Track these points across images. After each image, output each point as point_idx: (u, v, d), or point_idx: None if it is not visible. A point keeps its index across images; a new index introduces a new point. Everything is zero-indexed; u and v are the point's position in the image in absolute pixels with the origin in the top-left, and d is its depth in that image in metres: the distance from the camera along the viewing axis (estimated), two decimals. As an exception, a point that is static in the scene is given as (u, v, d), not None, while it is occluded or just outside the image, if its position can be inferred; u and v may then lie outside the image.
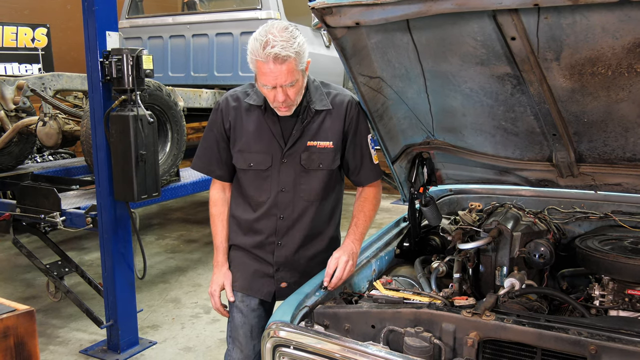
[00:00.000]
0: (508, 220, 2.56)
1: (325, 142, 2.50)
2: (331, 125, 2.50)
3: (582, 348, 1.70)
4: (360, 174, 2.60)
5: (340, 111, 2.51)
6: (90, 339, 4.64)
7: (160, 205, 9.30)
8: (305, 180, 2.51)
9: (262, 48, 2.19)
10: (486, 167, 2.74)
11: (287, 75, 2.23)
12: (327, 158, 2.51)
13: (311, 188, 2.53)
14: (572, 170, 2.47)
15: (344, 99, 2.53)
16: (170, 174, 5.13)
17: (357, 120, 2.54)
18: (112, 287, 4.30)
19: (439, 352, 1.87)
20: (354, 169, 2.59)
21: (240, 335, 2.58)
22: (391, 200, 9.99)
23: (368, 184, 2.63)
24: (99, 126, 4.07)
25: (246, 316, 2.57)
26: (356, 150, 2.57)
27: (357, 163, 2.58)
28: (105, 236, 4.22)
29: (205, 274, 6.20)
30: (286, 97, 2.30)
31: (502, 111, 2.33)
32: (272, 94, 2.31)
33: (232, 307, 2.63)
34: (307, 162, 2.48)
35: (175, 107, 5.08)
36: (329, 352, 1.88)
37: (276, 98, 2.30)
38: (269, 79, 2.24)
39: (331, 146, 2.50)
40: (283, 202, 2.51)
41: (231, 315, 2.63)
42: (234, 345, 2.61)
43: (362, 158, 2.58)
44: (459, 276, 2.39)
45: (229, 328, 2.64)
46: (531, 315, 1.94)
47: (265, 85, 2.28)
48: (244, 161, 2.52)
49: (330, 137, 2.50)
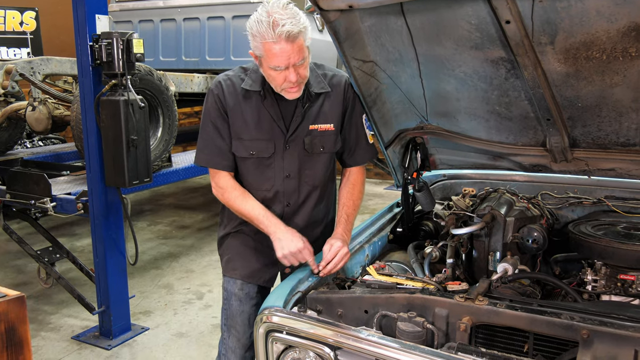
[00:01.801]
0: (501, 205, 2.57)
1: (326, 124, 2.48)
2: (331, 107, 2.49)
3: (574, 332, 1.71)
4: (356, 154, 2.61)
5: (339, 93, 2.50)
6: (82, 325, 4.65)
7: (152, 191, 9.28)
8: (309, 165, 2.50)
9: (272, 28, 2.12)
10: (480, 152, 2.74)
11: (298, 52, 2.19)
12: (329, 141, 2.51)
13: (315, 173, 2.53)
14: (566, 155, 2.47)
15: (341, 80, 2.52)
16: (162, 160, 5.11)
17: (354, 100, 2.54)
18: (104, 273, 4.30)
19: (432, 337, 1.88)
20: (350, 149, 2.59)
21: (237, 324, 2.57)
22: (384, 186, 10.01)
23: (364, 163, 2.65)
24: (89, 111, 4.04)
25: (244, 304, 2.57)
26: (352, 130, 2.57)
27: (354, 143, 2.59)
28: (97, 222, 4.21)
29: (198, 260, 6.20)
30: (298, 77, 2.25)
31: (496, 96, 2.32)
32: (282, 75, 2.24)
33: (229, 295, 2.61)
34: (310, 147, 2.47)
35: (167, 92, 5.04)
36: (321, 337, 1.88)
37: (288, 79, 2.24)
38: (282, 60, 2.18)
39: (332, 129, 2.50)
40: (289, 188, 2.50)
41: (227, 303, 2.61)
42: (229, 333, 2.60)
43: (359, 138, 2.59)
44: (452, 261, 2.40)
45: (224, 316, 2.63)
46: (524, 300, 1.95)
47: (278, 67, 2.20)
48: (245, 149, 2.45)
49: (330, 120, 2.49)
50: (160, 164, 5.13)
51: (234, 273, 2.60)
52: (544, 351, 1.83)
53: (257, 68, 2.38)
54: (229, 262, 2.63)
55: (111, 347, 4.26)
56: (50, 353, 4.21)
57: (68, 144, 6.83)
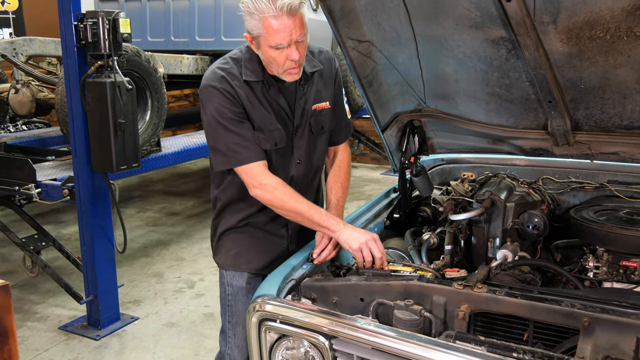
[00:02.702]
0: (501, 190, 2.57)
1: (323, 103, 2.48)
2: (324, 85, 2.49)
3: (575, 320, 1.72)
4: (339, 131, 2.62)
5: (329, 69, 2.50)
6: (69, 314, 4.65)
7: (141, 177, 9.25)
8: (314, 147, 2.51)
9: (272, 2, 2.08)
10: (479, 136, 2.73)
11: (300, 27, 2.15)
12: (328, 119, 2.51)
13: (319, 154, 2.55)
14: (568, 138, 2.47)
15: (328, 55, 2.52)
16: (150, 144, 5.09)
17: (338, 75, 2.56)
18: (92, 261, 4.30)
19: (430, 325, 1.89)
20: (337, 126, 2.60)
21: (244, 320, 2.49)
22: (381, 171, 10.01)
23: (344, 141, 2.65)
24: (74, 94, 4.02)
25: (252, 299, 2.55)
26: (337, 106, 2.57)
27: (339, 120, 2.60)
28: (84, 209, 4.20)
29: (189, 248, 6.21)
30: (300, 55, 2.20)
31: (496, 77, 2.32)
32: (284, 54, 2.18)
33: (235, 291, 2.58)
34: (315, 128, 2.47)
35: (155, 74, 5.01)
36: (316, 326, 1.89)
37: (290, 57, 2.18)
38: (284, 36, 2.13)
39: (328, 106, 2.50)
40: (300, 174, 2.50)
41: (234, 299, 2.58)
42: (235, 331, 2.58)
43: (344, 113, 2.61)
44: (450, 248, 2.40)
45: (227, 313, 2.59)
46: (524, 287, 1.96)
47: (280, 45, 2.15)
48: (267, 141, 2.36)
49: (325, 98, 2.49)
50: (149, 149, 5.12)
51: (247, 267, 2.55)
52: (544, 339, 1.84)
53: (249, 56, 2.33)
54: (238, 256, 2.57)
55: (100, 337, 4.27)
56: (37, 344, 4.22)
57: (53, 128, 6.79)
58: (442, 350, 1.65)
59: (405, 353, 1.71)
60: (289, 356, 2.00)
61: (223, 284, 2.62)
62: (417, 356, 1.68)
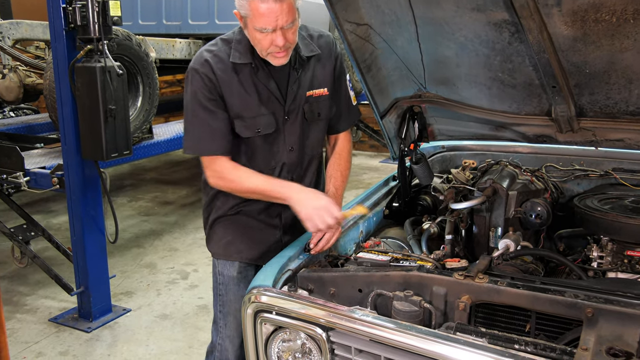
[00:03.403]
0: (503, 178, 2.57)
1: (320, 89, 2.47)
2: (322, 70, 2.48)
3: (578, 311, 1.72)
4: (342, 118, 2.61)
5: (328, 54, 2.48)
6: (60, 306, 4.66)
7: (133, 165, 9.25)
8: (308, 134, 2.50)
9: None
10: (481, 122, 2.73)
11: (288, 13, 2.13)
12: (325, 106, 2.50)
13: (314, 142, 2.54)
14: (572, 125, 2.47)
15: (328, 40, 2.50)
16: (142, 131, 5.08)
17: (341, 61, 2.54)
18: (82, 251, 4.30)
19: (429, 317, 1.89)
20: (338, 113, 2.59)
21: (236, 311, 2.56)
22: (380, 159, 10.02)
23: (349, 127, 2.65)
24: (63, 79, 4.00)
25: (243, 288, 2.55)
26: (340, 92, 2.56)
27: (341, 107, 2.58)
28: (74, 198, 4.20)
29: (182, 238, 6.21)
30: (285, 41, 2.19)
31: (498, 61, 2.31)
32: (268, 39, 2.18)
33: (226, 280, 2.58)
34: (309, 115, 2.46)
35: (147, 59, 4.99)
36: (313, 318, 1.89)
37: (274, 42, 2.18)
38: (269, 20, 2.12)
39: (326, 93, 2.49)
40: (292, 161, 2.49)
41: (224, 288, 2.59)
42: (226, 321, 2.59)
43: (346, 100, 2.59)
44: (451, 237, 2.40)
45: (219, 303, 2.61)
46: (526, 277, 1.96)
47: (265, 29, 2.14)
48: (248, 128, 2.37)
49: (323, 84, 2.48)
50: (141, 136, 5.10)
51: (238, 256, 2.56)
52: (546, 331, 1.85)
53: (240, 38, 2.32)
54: (229, 245, 2.58)
55: (91, 329, 4.29)
56: (27, 336, 4.23)
57: (41, 115, 6.78)
58: (442, 342, 1.66)
59: (405, 345, 1.71)
60: (285, 348, 2.00)
61: (215, 274, 2.63)
62: (416, 348, 1.69)
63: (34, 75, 5.46)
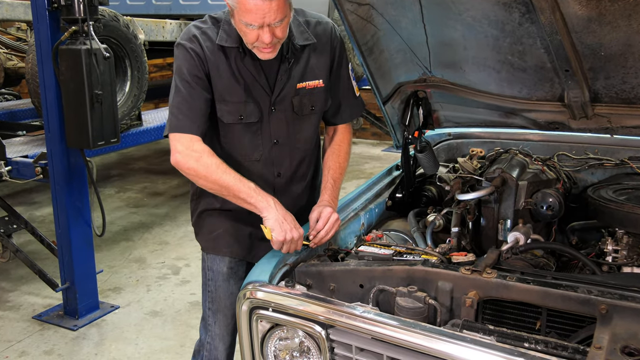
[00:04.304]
0: (513, 167, 2.57)
1: (314, 81, 2.45)
2: (317, 60, 2.45)
3: (591, 307, 1.73)
4: (344, 111, 2.60)
5: (325, 43, 2.46)
6: (44, 303, 4.67)
7: (120, 154, 9.24)
8: (299, 128, 2.48)
9: None
10: (489, 108, 2.73)
11: (277, 11, 2.09)
12: (319, 99, 2.48)
13: (306, 136, 2.52)
14: (586, 111, 2.47)
15: (327, 27, 2.47)
16: (130, 118, 5.08)
17: (341, 50, 2.52)
18: (68, 245, 4.30)
19: (434, 314, 1.90)
20: (338, 105, 2.57)
21: (225, 307, 2.57)
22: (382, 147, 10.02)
23: (350, 120, 2.64)
24: (46, 62, 3.98)
25: (233, 285, 2.56)
26: (340, 83, 2.55)
27: (341, 98, 2.57)
28: (58, 188, 4.20)
29: (173, 231, 6.22)
30: (273, 37, 2.17)
31: (508, 44, 2.31)
32: (254, 34, 2.16)
33: (215, 276, 2.59)
34: (299, 108, 2.44)
35: (135, 41, 4.98)
36: (312, 315, 1.90)
37: (261, 39, 2.16)
38: (256, 17, 2.09)
39: (321, 85, 2.46)
40: (278, 156, 2.47)
41: (213, 284, 2.60)
42: (215, 318, 2.60)
43: (347, 92, 2.57)
44: (457, 230, 2.41)
45: (208, 299, 2.62)
46: (537, 272, 1.97)
47: (250, 25, 2.13)
48: (231, 114, 2.36)
49: (319, 75, 2.46)
50: (129, 123, 5.10)
51: (227, 251, 2.56)
52: (558, 328, 1.85)
53: (230, 19, 2.30)
54: (218, 239, 2.58)
55: (77, 327, 4.30)
56: (9, 334, 4.24)
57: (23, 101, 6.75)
58: (448, 340, 1.66)
59: (408, 343, 1.71)
60: (283, 347, 2.01)
61: (204, 268, 2.64)
62: (420, 347, 1.69)
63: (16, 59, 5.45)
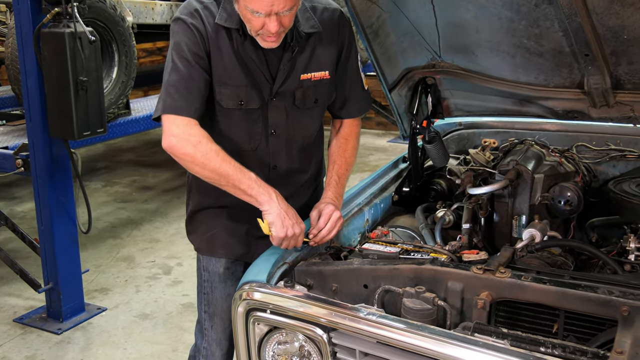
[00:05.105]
0: (528, 159, 2.57)
1: (320, 72, 2.42)
2: (323, 50, 2.42)
3: (612, 309, 1.73)
4: (351, 105, 2.58)
5: (332, 31, 2.42)
6: (26, 305, 4.68)
7: (107, 145, 9.24)
8: (299, 120, 2.46)
9: None
10: (503, 96, 2.73)
11: (286, 0, 2.09)
12: (324, 92, 2.47)
13: (307, 130, 2.50)
14: (607, 98, 2.47)
15: (334, 14, 2.43)
16: (118, 106, 5.08)
17: (350, 39, 2.48)
18: (51, 243, 4.30)
19: (444, 316, 1.90)
20: (345, 99, 2.55)
21: (223, 310, 2.57)
22: (388, 138, 10.02)
23: (353, 117, 2.61)
24: (27, 46, 3.98)
25: (231, 286, 2.56)
26: (348, 75, 2.52)
27: (349, 92, 2.55)
28: (40, 182, 4.20)
29: (164, 227, 6.22)
30: (280, 27, 2.14)
31: (523, 26, 2.30)
32: (260, 22, 2.13)
33: (211, 277, 2.59)
34: (301, 101, 2.42)
35: (123, 23, 4.97)
36: (313, 317, 1.90)
37: (266, 27, 2.14)
38: (264, 5, 2.07)
39: (327, 76, 2.44)
40: (274, 147, 2.45)
41: (210, 286, 2.59)
42: (212, 322, 2.60)
43: (355, 85, 2.55)
44: (468, 227, 2.41)
45: (203, 302, 2.62)
46: (554, 272, 1.97)
47: (257, 13, 2.10)
48: (231, 98, 2.33)
49: (324, 66, 2.43)
50: (117, 112, 5.10)
51: (223, 253, 2.55)
52: (576, 331, 1.86)
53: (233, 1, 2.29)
54: (214, 239, 2.56)
55: (62, 331, 4.30)
56: (-11, 338, 4.25)
57: (3, 88, 6.76)
58: (459, 345, 1.66)
59: (416, 348, 1.72)
60: (281, 351, 2.01)
61: (199, 269, 2.63)
62: (429, 351, 1.69)
63: (-6, 43, 5.45)
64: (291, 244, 2.23)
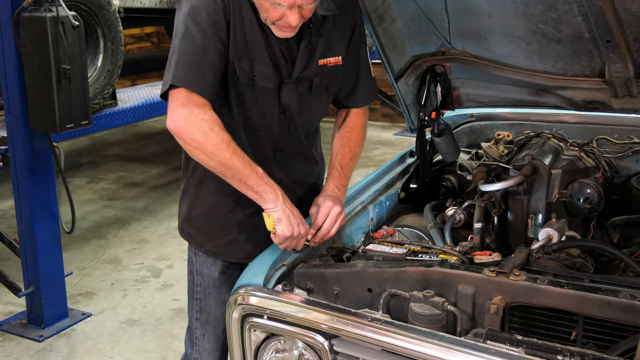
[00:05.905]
0: (545, 154, 2.57)
1: (334, 57, 2.42)
2: (336, 34, 2.42)
3: (635, 315, 1.73)
4: (358, 94, 2.58)
5: (346, 13, 2.42)
6: (5, 310, 4.69)
7: (92, 138, 9.23)
8: (308, 104, 2.46)
9: None
10: (518, 85, 2.73)
11: None
12: (336, 78, 2.47)
13: (313, 116, 2.52)
14: (630, 88, 2.47)
15: None
16: (103, 96, 5.08)
17: (361, 24, 2.49)
18: (32, 244, 4.31)
19: (454, 322, 1.90)
20: (352, 86, 2.56)
21: (216, 319, 2.57)
22: (394, 131, 10.02)
23: (365, 105, 2.62)
24: (5, 32, 3.98)
25: (224, 292, 2.55)
26: (358, 62, 2.53)
27: (356, 79, 2.55)
28: (20, 178, 4.20)
29: (153, 227, 6.23)
30: (300, 19, 2.14)
31: (540, 10, 2.30)
32: (279, 13, 2.12)
33: (205, 282, 2.58)
34: (316, 90, 2.43)
35: (108, 7, 4.97)
36: (313, 323, 1.90)
37: (286, 19, 2.12)
38: None
39: (340, 62, 2.44)
40: (283, 130, 2.44)
41: (203, 291, 2.59)
42: (204, 330, 2.60)
43: (365, 72, 2.56)
44: (480, 226, 2.41)
45: (195, 308, 2.61)
46: (572, 274, 1.97)
47: (279, 5, 2.08)
48: (245, 72, 2.27)
49: (338, 51, 2.43)
50: (102, 102, 5.10)
51: (242, 257, 2.50)
52: (596, 338, 1.86)
53: None
54: (232, 244, 2.52)
55: (43, 338, 4.31)
56: (-35, 346, 4.26)
57: (-20, 77, 6.76)
58: (470, 352, 1.67)
59: (424, 356, 1.72)
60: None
61: (192, 272, 2.62)
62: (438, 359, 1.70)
63: (-29, 28, 5.44)
64: (293, 245, 2.23)
